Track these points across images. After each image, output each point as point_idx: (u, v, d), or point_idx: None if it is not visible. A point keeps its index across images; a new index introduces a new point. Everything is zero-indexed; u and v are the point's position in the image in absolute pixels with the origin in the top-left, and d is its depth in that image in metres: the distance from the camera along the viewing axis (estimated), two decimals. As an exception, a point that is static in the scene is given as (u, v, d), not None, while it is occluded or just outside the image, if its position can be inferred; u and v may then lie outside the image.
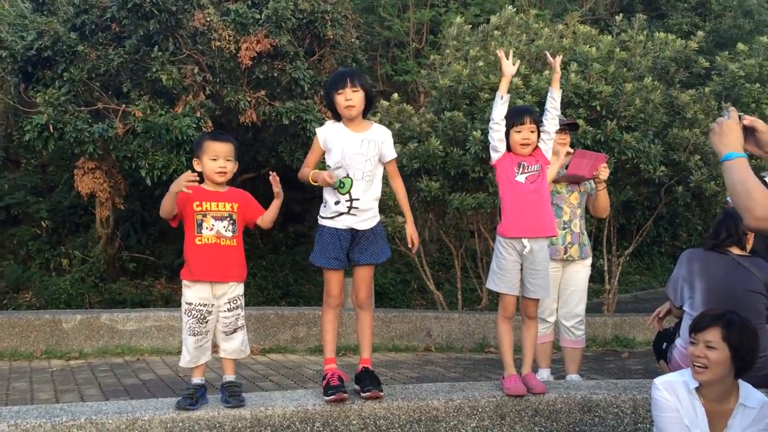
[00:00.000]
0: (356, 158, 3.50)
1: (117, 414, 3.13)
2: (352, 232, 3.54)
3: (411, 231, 3.72)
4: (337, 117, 3.61)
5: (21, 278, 11.65)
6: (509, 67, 3.63)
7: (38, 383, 5.41)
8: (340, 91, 3.48)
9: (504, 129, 3.66)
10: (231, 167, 3.42)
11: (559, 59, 3.81)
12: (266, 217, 3.51)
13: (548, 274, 3.75)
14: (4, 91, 12.46)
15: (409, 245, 3.73)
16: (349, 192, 3.49)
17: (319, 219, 3.61)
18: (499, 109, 3.64)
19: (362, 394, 3.44)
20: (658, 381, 3.01)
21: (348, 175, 3.50)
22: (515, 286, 3.68)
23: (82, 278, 11.35)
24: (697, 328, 2.88)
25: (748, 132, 2.31)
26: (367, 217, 3.56)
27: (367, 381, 3.48)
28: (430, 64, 8.99)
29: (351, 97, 3.47)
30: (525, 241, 3.62)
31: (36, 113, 8.88)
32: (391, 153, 3.64)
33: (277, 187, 3.50)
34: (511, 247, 3.65)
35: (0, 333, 6.54)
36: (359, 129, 3.56)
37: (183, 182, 3.23)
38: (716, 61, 8.32)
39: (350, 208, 3.51)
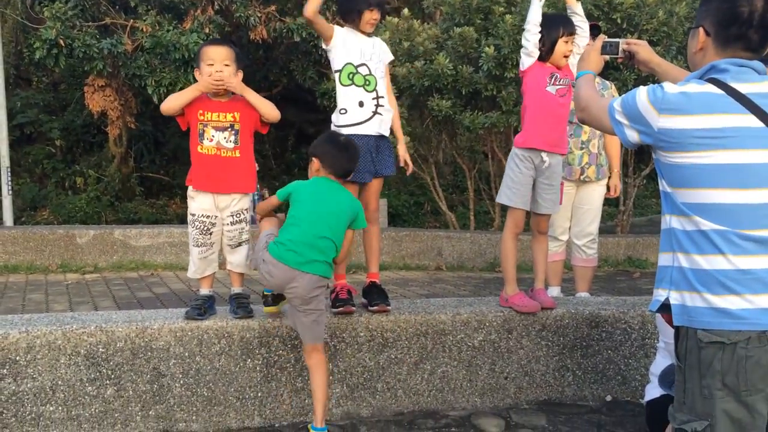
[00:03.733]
0: (373, 58, 3.52)
1: (126, 323, 3.16)
2: (377, 140, 3.49)
3: (403, 152, 3.68)
4: (345, 22, 3.55)
5: (37, 197, 11.78)
6: None
7: (53, 295, 5.52)
8: (372, 9, 3.46)
9: (538, 34, 3.47)
10: (229, 72, 3.27)
11: None
12: (261, 114, 3.34)
13: (559, 190, 3.67)
14: (11, 6, 12.23)
15: (402, 165, 3.66)
16: (375, 89, 3.48)
17: (343, 129, 3.44)
18: (537, 11, 3.47)
19: (370, 308, 3.45)
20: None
21: (371, 72, 3.49)
22: (527, 201, 3.60)
23: (98, 197, 11.45)
24: None
25: (632, 55, 2.52)
26: (388, 120, 3.55)
27: (375, 295, 3.48)
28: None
29: (377, 17, 3.51)
30: (544, 155, 3.52)
31: (44, 28, 8.73)
32: (389, 55, 3.67)
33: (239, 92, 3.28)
34: (528, 160, 3.54)
35: (15, 247, 6.65)
36: (366, 35, 3.57)
37: (209, 82, 3.20)
38: (747, -28, 7.90)
39: (377, 106, 3.48)
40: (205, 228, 3.34)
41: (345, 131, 3.43)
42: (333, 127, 3.50)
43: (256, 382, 3.24)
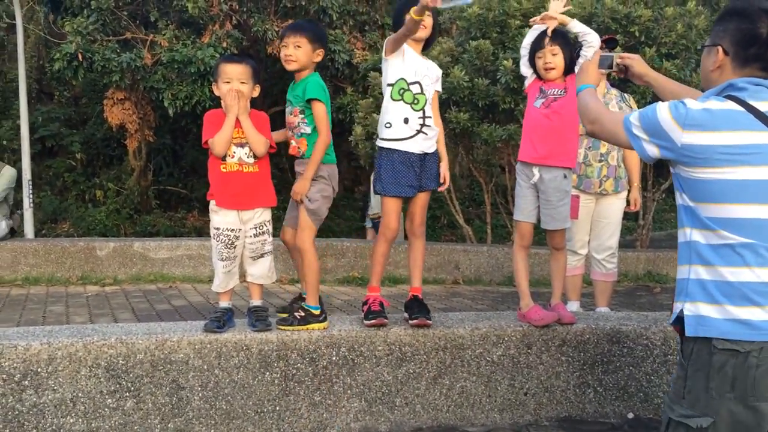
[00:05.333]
0: (425, 79, 3.48)
1: (146, 335, 3.18)
2: (421, 157, 3.47)
3: (444, 169, 3.63)
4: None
5: (58, 209, 11.90)
6: (556, 6, 3.52)
7: (74, 307, 5.56)
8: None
9: (527, 55, 3.60)
10: (246, 90, 3.30)
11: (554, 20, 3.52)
12: (249, 145, 3.30)
13: (563, 205, 3.59)
14: (34, 22, 12.44)
15: (441, 181, 3.61)
16: (423, 109, 3.45)
17: (385, 143, 3.44)
18: (528, 35, 3.62)
19: (410, 322, 3.42)
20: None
21: (422, 91, 3.45)
22: (531, 214, 3.60)
23: (117, 210, 11.55)
24: None
25: (627, 68, 2.55)
26: (432, 139, 3.51)
27: (416, 309, 3.46)
28: (453, -6, 8.63)
29: (426, 20, 3.42)
30: (535, 170, 3.54)
31: (65, 43, 8.86)
32: (439, 84, 3.63)
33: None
34: (524, 174, 3.60)
35: (37, 260, 6.72)
36: (423, 56, 3.54)
37: (231, 102, 3.23)
38: (767, -15, 7.85)
39: (422, 125, 3.43)
40: (230, 241, 3.35)
41: (387, 145, 3.44)
42: (378, 140, 3.52)
43: (274, 396, 3.24)
